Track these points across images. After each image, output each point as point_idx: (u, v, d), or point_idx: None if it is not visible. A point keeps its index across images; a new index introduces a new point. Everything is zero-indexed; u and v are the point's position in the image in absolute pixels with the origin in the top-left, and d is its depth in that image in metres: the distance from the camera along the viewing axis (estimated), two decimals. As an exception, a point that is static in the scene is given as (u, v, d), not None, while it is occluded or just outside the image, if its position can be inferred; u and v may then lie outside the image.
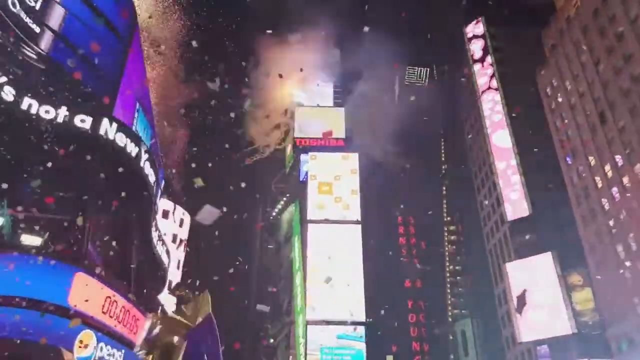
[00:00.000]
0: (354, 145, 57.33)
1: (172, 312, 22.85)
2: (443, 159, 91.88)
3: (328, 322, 46.93)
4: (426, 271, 79.76)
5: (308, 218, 51.45)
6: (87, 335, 15.46)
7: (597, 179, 50.63)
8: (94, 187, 18.72)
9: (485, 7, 74.38)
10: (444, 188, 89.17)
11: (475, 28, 75.17)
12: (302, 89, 61.02)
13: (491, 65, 71.09)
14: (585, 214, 52.59)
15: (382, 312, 47.67)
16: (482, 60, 72.91)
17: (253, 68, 61.43)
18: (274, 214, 67.79)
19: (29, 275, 14.66)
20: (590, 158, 51.92)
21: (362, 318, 47.54)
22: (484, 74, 71.78)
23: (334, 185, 52.72)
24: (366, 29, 55.14)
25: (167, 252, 26.10)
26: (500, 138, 66.16)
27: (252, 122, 62.72)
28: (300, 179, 56.73)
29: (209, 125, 58.84)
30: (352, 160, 54.66)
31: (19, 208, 16.59)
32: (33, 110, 16.75)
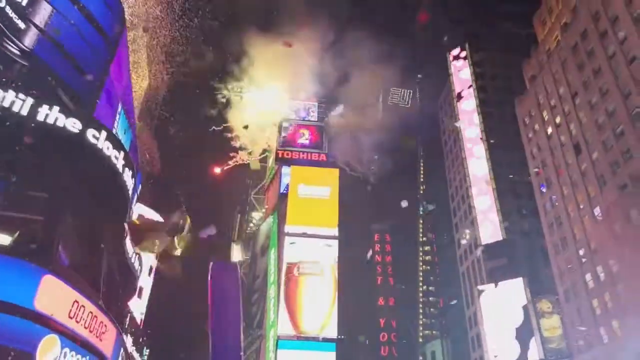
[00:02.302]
0: (335, 160, 57.59)
1: None
2: (422, 179, 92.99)
3: (299, 337, 46.45)
4: (400, 290, 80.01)
5: (285, 231, 51.20)
6: (51, 340, 15.00)
7: (570, 208, 51.87)
8: (68, 187, 18.35)
9: (470, 34, 76.33)
10: (421, 208, 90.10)
11: (459, 54, 76.88)
12: (286, 101, 61.19)
13: (472, 91, 72.67)
14: (556, 242, 53.73)
15: (354, 329, 47.41)
16: (464, 85, 74.47)
17: (237, 76, 61.44)
18: (251, 225, 67.32)
19: (-6, 275, 14.22)
20: (564, 187, 53.22)
21: (334, 335, 47.24)
22: (465, 99, 73.28)
23: (313, 199, 52.74)
24: (352, 49, 55.97)
25: (140, 258, 25.66)
26: (478, 162, 67.41)
27: (235, 131, 62.47)
28: (280, 191, 56.56)
29: (188, 130, 58.57)
30: (332, 175, 54.83)
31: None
32: (10, 106, 16.41)
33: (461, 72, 75.61)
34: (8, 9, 18.17)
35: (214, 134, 58.89)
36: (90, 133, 18.03)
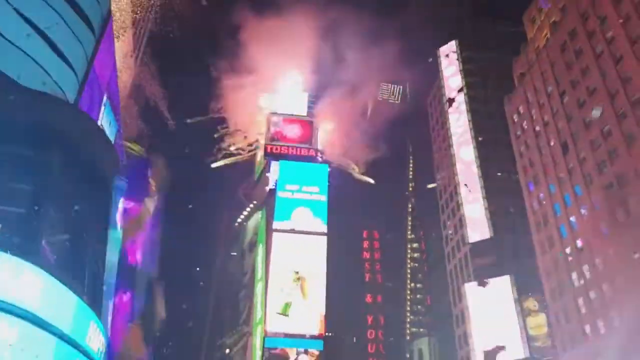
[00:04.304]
0: (323, 156, 57.44)
1: None
2: (411, 176, 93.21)
3: (286, 335, 46.23)
4: (388, 287, 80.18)
5: (273, 227, 50.89)
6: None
7: (557, 206, 52.21)
8: (52, 180, 17.89)
9: (460, 30, 76.49)
10: (410, 205, 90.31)
11: (449, 50, 76.99)
12: (276, 95, 60.86)
13: (462, 87, 72.84)
14: (543, 240, 54.06)
15: (342, 326, 47.31)
16: (453, 82, 74.61)
17: (223, 70, 61.02)
18: (239, 220, 66.88)
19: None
20: (551, 186, 53.55)
21: (322, 332, 47.06)
22: (454, 96, 73.44)
23: (302, 195, 52.46)
24: (341, 42, 55.90)
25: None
26: (466, 160, 67.63)
27: (224, 126, 62.00)
28: (269, 187, 56.22)
29: (176, 126, 58.02)
30: (321, 171, 54.60)
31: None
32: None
33: (451, 70, 75.75)
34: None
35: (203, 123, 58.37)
36: (76, 125, 17.61)
